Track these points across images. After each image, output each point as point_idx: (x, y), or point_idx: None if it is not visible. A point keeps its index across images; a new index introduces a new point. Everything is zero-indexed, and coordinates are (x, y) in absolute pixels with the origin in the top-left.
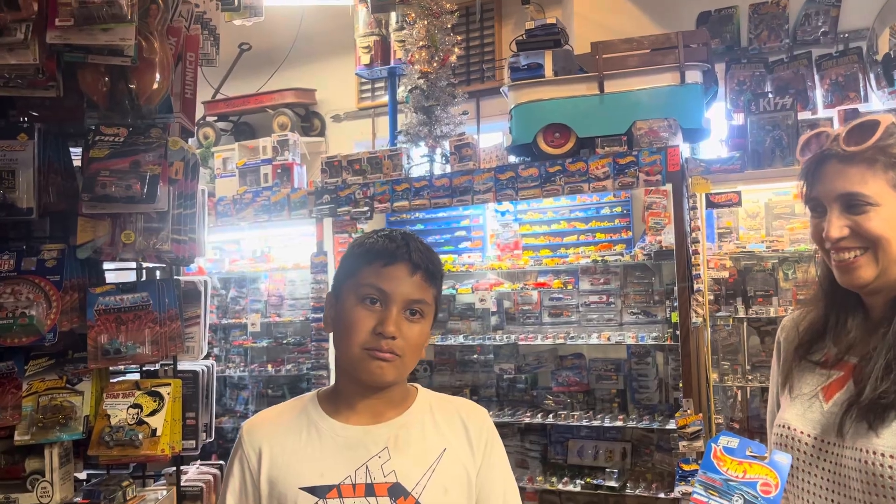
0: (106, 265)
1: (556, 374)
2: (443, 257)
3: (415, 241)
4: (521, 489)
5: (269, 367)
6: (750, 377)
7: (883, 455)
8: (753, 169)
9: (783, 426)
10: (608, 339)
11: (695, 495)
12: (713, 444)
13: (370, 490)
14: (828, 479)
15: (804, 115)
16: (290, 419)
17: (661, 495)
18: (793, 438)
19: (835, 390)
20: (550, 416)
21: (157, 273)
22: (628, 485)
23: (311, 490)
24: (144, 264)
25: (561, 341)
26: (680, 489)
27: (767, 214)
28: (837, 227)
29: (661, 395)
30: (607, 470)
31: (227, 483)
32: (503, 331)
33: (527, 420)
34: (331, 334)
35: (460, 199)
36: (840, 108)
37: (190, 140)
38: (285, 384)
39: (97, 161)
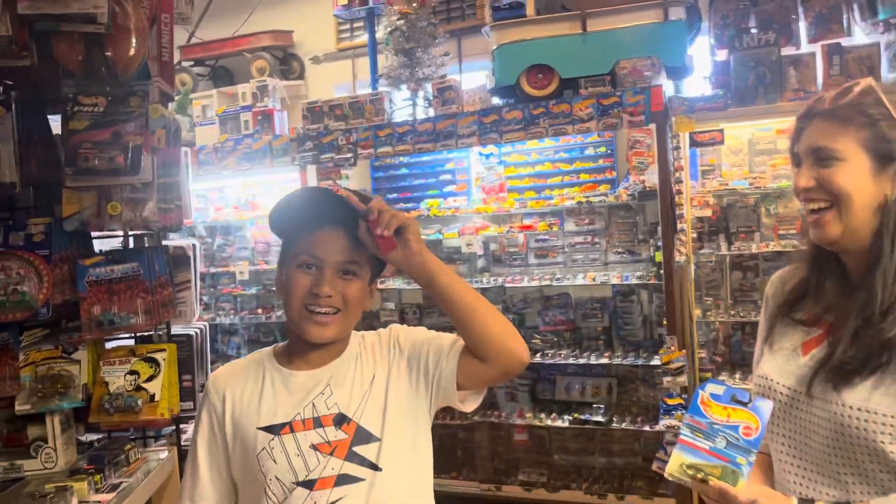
0: (93, 234)
1: (543, 313)
2: (428, 202)
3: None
4: (512, 424)
5: (260, 314)
6: (732, 312)
7: (851, 408)
8: (737, 106)
9: (763, 377)
10: (593, 279)
11: (682, 436)
12: (700, 392)
13: (318, 423)
14: (797, 428)
15: (788, 51)
16: (249, 370)
17: (646, 428)
18: (770, 389)
19: (812, 346)
20: (538, 354)
21: (146, 241)
22: (614, 419)
23: (268, 429)
24: (132, 233)
25: (547, 282)
26: (664, 422)
27: (750, 150)
28: (805, 177)
29: (645, 331)
30: (594, 405)
31: (197, 429)
32: (490, 273)
33: None
34: None
35: (444, 143)
36: (823, 43)
37: (170, 105)
38: (277, 330)
39: (78, 133)
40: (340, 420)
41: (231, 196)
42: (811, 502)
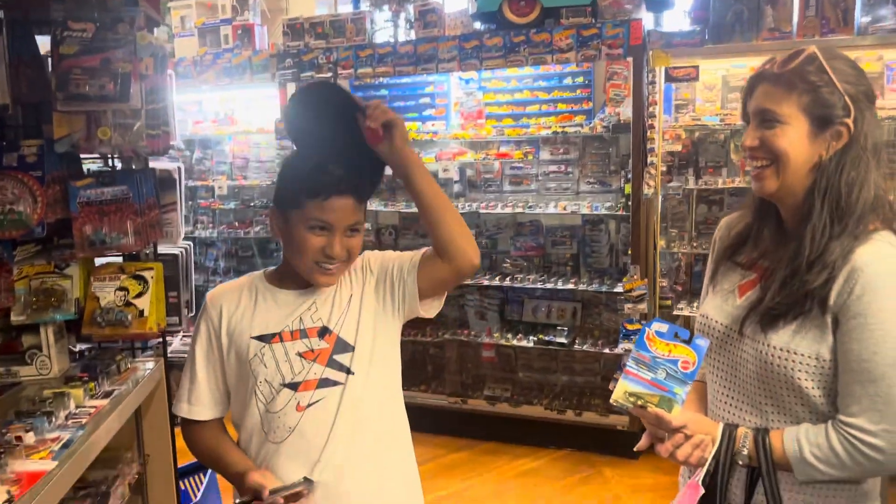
0: (83, 156)
1: (515, 239)
2: (407, 125)
3: (347, 167)
4: (480, 342)
5: (238, 228)
6: (695, 244)
7: (775, 348)
8: (713, 43)
9: (703, 315)
10: (564, 207)
11: (628, 367)
12: (647, 329)
13: (304, 334)
14: (729, 362)
15: None
16: (243, 289)
17: (606, 351)
18: (709, 326)
19: (747, 289)
20: (508, 278)
21: (133, 164)
22: (577, 341)
23: (260, 338)
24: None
25: (520, 210)
26: (623, 346)
27: (724, 87)
28: (751, 137)
29: (611, 260)
30: (558, 327)
31: (196, 340)
32: (465, 199)
33: (486, 282)
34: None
35: (425, 66)
36: None
37: (156, 30)
38: (254, 244)
39: (68, 58)
40: (323, 332)
41: (209, 110)
42: (735, 428)
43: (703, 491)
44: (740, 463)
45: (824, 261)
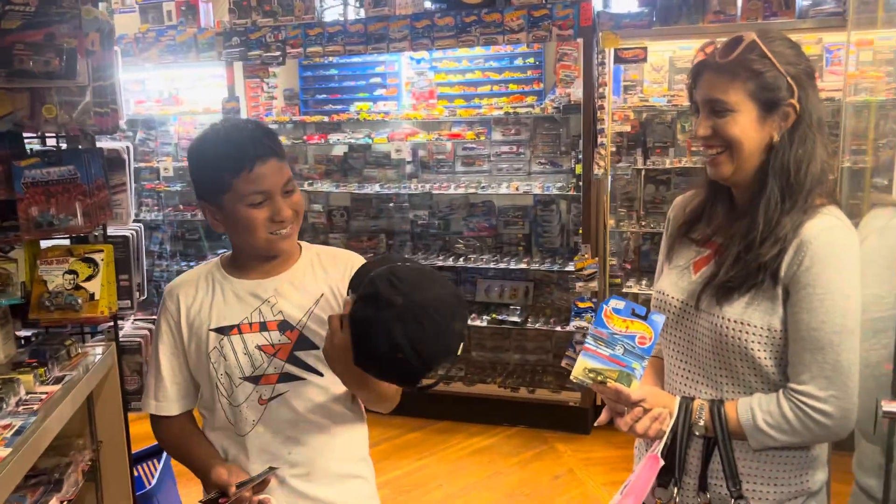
0: (26, 135)
1: (468, 220)
2: (358, 105)
3: (253, 131)
4: None
5: (185, 211)
6: (644, 223)
7: (729, 320)
8: (661, 25)
9: (659, 291)
10: (517, 188)
11: (587, 344)
12: (604, 306)
13: (263, 327)
14: (685, 336)
15: None
16: (200, 279)
17: (558, 329)
18: (665, 302)
19: (702, 265)
20: (461, 259)
21: (80, 143)
22: (529, 319)
23: (218, 330)
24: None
25: (473, 190)
26: (574, 323)
27: (671, 69)
28: (704, 127)
29: (562, 239)
30: (511, 306)
31: (158, 336)
32: (418, 179)
33: (439, 263)
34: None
35: (375, 46)
36: None
37: (101, 4)
38: (201, 227)
39: (10, 33)
40: (284, 327)
41: (153, 89)
42: (691, 400)
43: (662, 462)
44: (697, 434)
45: (776, 235)
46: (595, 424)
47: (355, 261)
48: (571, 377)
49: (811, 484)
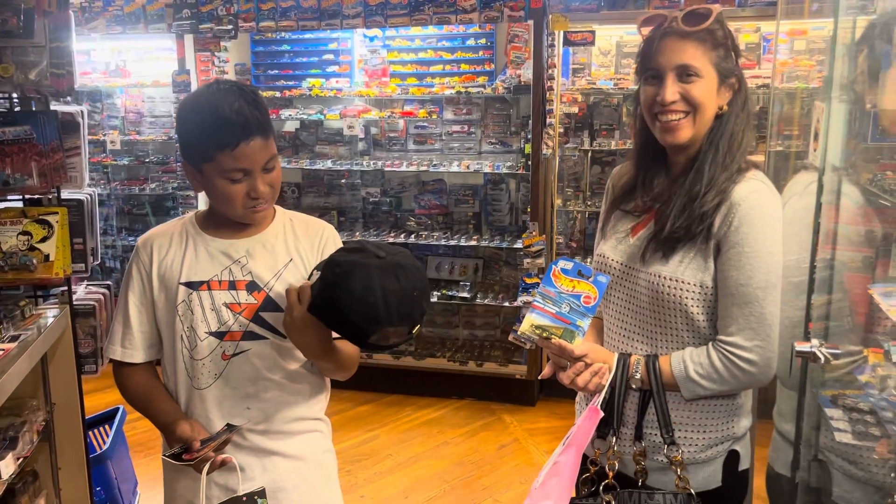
0: None
1: (419, 198)
2: (310, 81)
3: (244, 104)
4: None
5: (132, 186)
6: (589, 203)
7: (666, 278)
8: (609, 10)
9: (600, 255)
10: (468, 167)
11: (535, 302)
12: (553, 266)
13: (232, 285)
14: (624, 296)
15: None
16: (173, 233)
17: (506, 304)
18: (606, 265)
19: (640, 229)
20: (412, 236)
21: (33, 105)
22: (478, 296)
23: (188, 284)
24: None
25: (424, 168)
26: (522, 299)
27: (618, 53)
28: (672, 91)
29: (511, 217)
30: (461, 283)
31: (128, 284)
32: (370, 156)
33: (391, 239)
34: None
35: (329, 22)
36: None
37: None
38: (149, 202)
39: None
40: (252, 287)
41: (99, 60)
42: (628, 356)
43: (602, 414)
44: (634, 387)
45: (717, 188)
46: (539, 378)
47: (326, 231)
48: (518, 332)
49: (737, 430)
